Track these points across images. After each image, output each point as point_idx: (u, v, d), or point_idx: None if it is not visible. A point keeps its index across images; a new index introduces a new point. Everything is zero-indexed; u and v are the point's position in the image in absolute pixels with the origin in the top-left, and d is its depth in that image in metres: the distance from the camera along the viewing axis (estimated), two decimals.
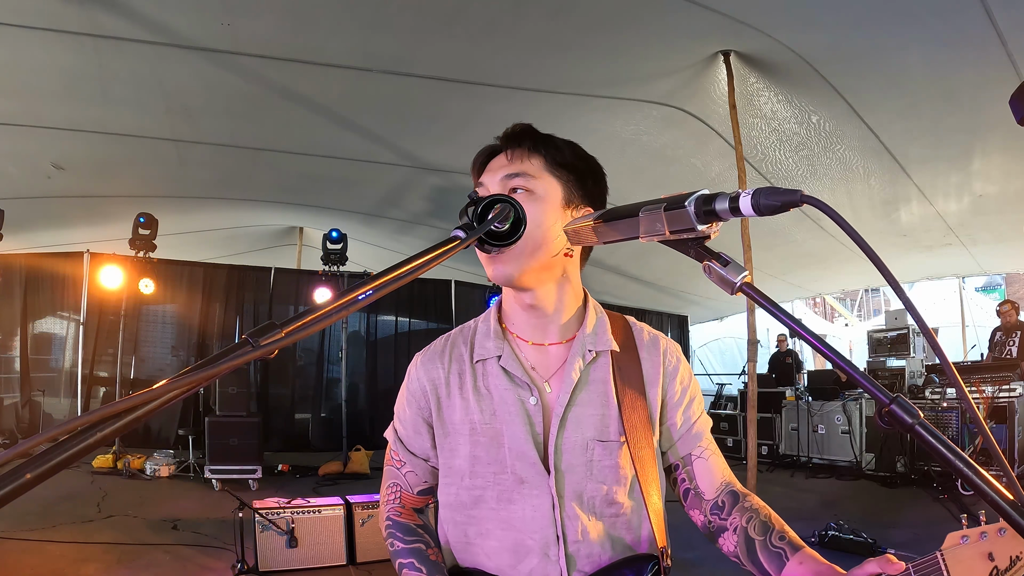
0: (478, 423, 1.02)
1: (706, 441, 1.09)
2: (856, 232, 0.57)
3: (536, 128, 1.05)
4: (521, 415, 1.00)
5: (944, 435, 0.57)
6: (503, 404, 1.02)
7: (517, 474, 0.99)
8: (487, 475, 1.01)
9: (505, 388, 1.02)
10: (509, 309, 1.08)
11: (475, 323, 1.13)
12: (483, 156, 1.07)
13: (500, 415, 1.01)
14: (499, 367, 1.03)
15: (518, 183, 1.00)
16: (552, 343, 1.05)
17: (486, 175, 1.04)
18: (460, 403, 1.05)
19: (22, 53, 4.38)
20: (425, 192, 7.41)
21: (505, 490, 1.00)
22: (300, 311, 0.57)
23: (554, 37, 4.47)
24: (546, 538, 0.98)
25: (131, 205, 7.25)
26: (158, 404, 0.47)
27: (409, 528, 1.13)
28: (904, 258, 9.69)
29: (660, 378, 1.07)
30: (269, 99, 5.22)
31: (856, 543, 4.11)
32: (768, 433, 8.22)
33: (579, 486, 0.99)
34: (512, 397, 1.01)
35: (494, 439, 1.01)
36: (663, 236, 0.71)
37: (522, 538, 0.98)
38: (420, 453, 1.11)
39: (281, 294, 8.73)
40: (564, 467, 0.99)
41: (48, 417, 7.53)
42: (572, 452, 1.00)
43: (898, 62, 4.65)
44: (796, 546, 0.90)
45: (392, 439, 1.16)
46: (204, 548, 4.18)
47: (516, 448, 1.00)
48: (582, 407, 1.01)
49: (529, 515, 0.98)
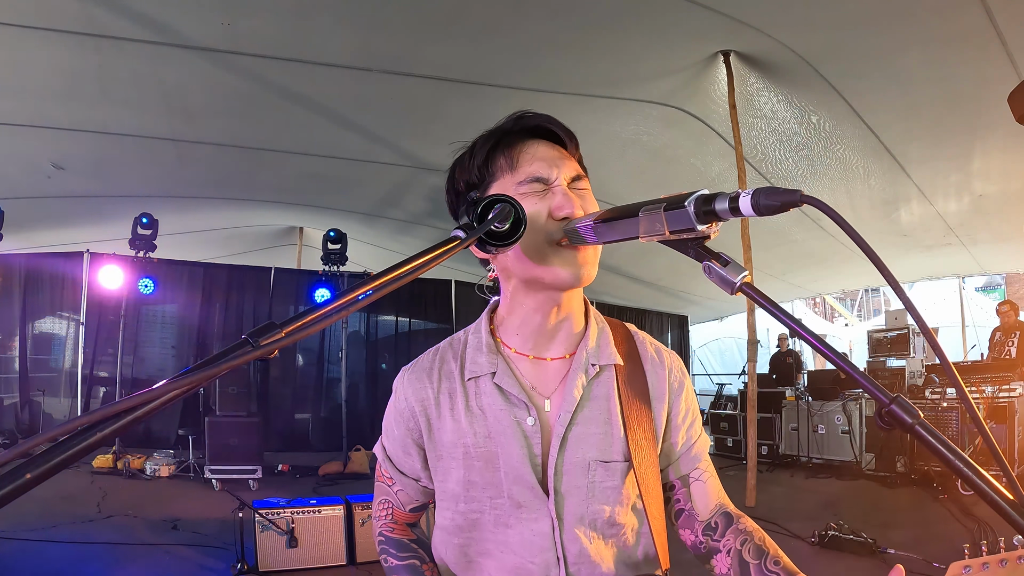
0: (471, 446, 0.95)
1: (704, 463, 1.06)
2: (856, 232, 0.57)
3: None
4: (518, 436, 0.94)
5: (944, 435, 0.57)
6: (498, 425, 0.94)
7: (514, 498, 0.94)
8: (483, 499, 0.96)
9: (500, 408, 0.95)
10: (519, 318, 0.98)
11: (464, 335, 1.04)
12: (518, 139, 0.96)
13: (495, 437, 0.94)
14: (493, 385, 0.96)
15: (581, 187, 0.94)
16: (554, 357, 0.98)
17: (546, 166, 0.92)
18: (451, 424, 0.97)
19: (22, 53, 4.38)
20: (425, 192, 7.41)
21: (502, 514, 0.95)
22: (300, 311, 0.57)
23: (554, 37, 4.48)
24: (547, 561, 0.94)
25: (131, 205, 7.26)
26: (158, 404, 0.47)
27: (403, 544, 1.09)
28: (904, 258, 9.70)
29: (666, 395, 1.02)
30: (269, 99, 5.22)
31: (856, 543, 4.10)
32: (768, 433, 8.22)
33: (580, 508, 0.94)
34: (508, 418, 0.94)
35: (489, 462, 0.95)
36: (663, 236, 0.71)
37: (522, 562, 0.94)
38: (410, 473, 1.05)
39: (281, 294, 8.72)
40: (564, 489, 0.94)
41: (48, 417, 7.53)
42: (573, 473, 0.94)
43: (898, 62, 4.66)
44: (791, 572, 0.89)
45: (381, 457, 1.09)
46: (204, 548, 4.18)
47: (512, 472, 0.93)
48: (584, 426, 0.95)
49: (528, 539, 0.94)
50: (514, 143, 0.95)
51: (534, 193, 0.91)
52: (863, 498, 5.99)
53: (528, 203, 0.89)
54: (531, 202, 0.90)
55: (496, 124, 0.98)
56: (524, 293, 0.96)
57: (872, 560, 3.97)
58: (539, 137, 0.96)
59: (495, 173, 0.95)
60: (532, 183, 0.92)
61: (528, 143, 0.95)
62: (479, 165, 0.96)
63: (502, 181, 0.94)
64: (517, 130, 0.96)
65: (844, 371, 0.61)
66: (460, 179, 0.99)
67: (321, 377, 8.82)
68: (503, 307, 1.01)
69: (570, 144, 0.97)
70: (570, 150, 0.97)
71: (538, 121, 0.96)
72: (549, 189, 0.92)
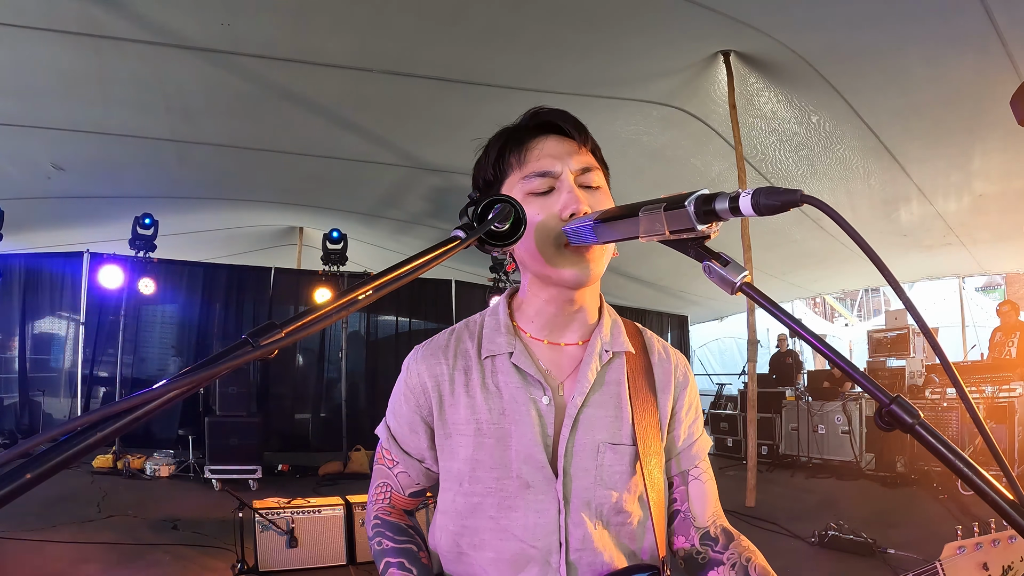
0: (484, 422, 0.96)
1: (704, 464, 1.07)
2: (856, 232, 0.57)
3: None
4: (532, 415, 0.95)
5: (944, 435, 0.57)
6: (513, 403, 0.96)
7: (523, 478, 0.94)
8: (488, 480, 0.96)
9: (516, 386, 0.97)
10: (534, 307, 1.00)
11: (481, 317, 1.06)
12: (528, 135, 0.97)
13: (509, 414, 0.96)
14: (511, 364, 0.97)
15: (591, 180, 0.95)
16: (568, 343, 1.00)
17: (552, 161, 0.94)
18: (465, 400, 0.98)
19: (22, 53, 4.38)
20: (424, 192, 7.42)
21: (507, 496, 0.95)
22: (300, 311, 0.57)
23: (554, 37, 4.48)
24: (549, 545, 0.94)
25: (131, 205, 7.26)
26: (158, 404, 0.47)
27: (400, 527, 1.08)
28: (904, 258, 9.70)
29: (672, 388, 1.05)
30: (269, 99, 5.23)
31: (856, 543, 4.10)
32: (768, 433, 8.23)
33: (588, 492, 0.95)
34: (524, 396, 0.96)
35: (501, 440, 0.96)
36: (663, 236, 0.71)
37: (523, 547, 0.94)
38: (415, 453, 1.04)
39: (281, 294, 8.72)
40: (573, 471, 0.95)
41: (48, 417, 7.53)
42: (582, 455, 0.95)
43: (898, 62, 4.66)
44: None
45: (385, 436, 1.08)
46: (204, 548, 4.18)
47: (524, 450, 0.95)
48: (595, 408, 0.97)
49: (532, 522, 0.94)
50: (524, 139, 0.97)
51: (543, 194, 0.93)
52: (863, 498, 6.00)
53: (536, 204, 0.92)
54: (539, 203, 0.92)
55: (512, 122, 1.01)
56: (539, 286, 0.98)
57: (872, 560, 3.97)
58: (549, 132, 0.98)
59: (506, 170, 0.97)
60: (538, 177, 0.93)
61: (537, 139, 0.97)
62: (492, 163, 0.99)
63: (512, 177, 0.96)
64: (528, 126, 0.99)
65: (844, 371, 0.61)
66: (479, 177, 1.02)
67: (321, 377, 8.83)
68: (522, 293, 1.03)
69: (579, 137, 0.98)
70: (580, 143, 0.98)
71: (548, 117, 0.98)
72: (556, 184, 0.93)
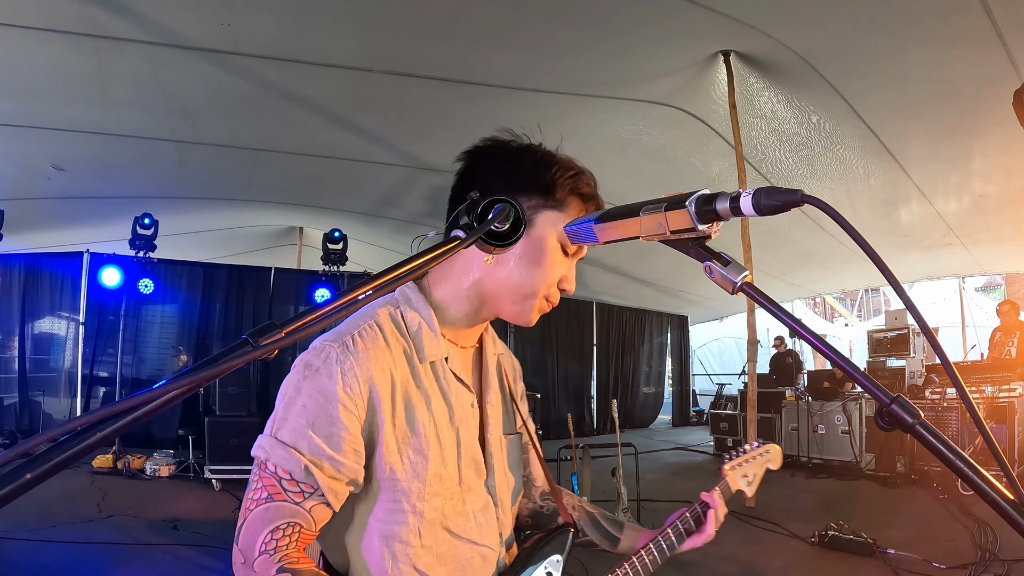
0: (440, 433, 0.94)
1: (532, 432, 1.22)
2: (857, 232, 0.57)
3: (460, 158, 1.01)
4: (469, 419, 0.99)
5: (944, 435, 0.57)
6: (460, 409, 0.98)
7: (466, 482, 0.96)
8: (444, 494, 0.93)
9: (458, 392, 0.98)
10: (455, 314, 0.99)
11: (398, 313, 0.95)
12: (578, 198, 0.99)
13: (457, 420, 0.97)
14: (449, 369, 0.98)
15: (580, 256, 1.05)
16: (466, 346, 1.04)
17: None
18: (421, 408, 0.92)
19: (22, 53, 4.38)
20: (424, 192, 7.42)
21: (460, 501, 0.95)
22: (300, 311, 0.57)
23: (554, 38, 4.48)
24: (493, 541, 1.00)
25: (131, 205, 7.26)
26: (158, 404, 0.47)
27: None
28: (904, 258, 9.70)
29: (515, 374, 1.19)
30: (269, 99, 5.22)
31: (856, 543, 4.10)
32: (768, 433, 8.22)
33: (503, 482, 1.04)
34: (464, 400, 0.99)
35: (450, 448, 0.94)
36: (664, 236, 0.71)
37: (473, 549, 0.96)
38: (348, 473, 0.87)
39: (281, 294, 8.73)
40: (495, 465, 1.02)
41: (48, 417, 7.53)
42: (496, 448, 1.03)
43: (898, 62, 4.66)
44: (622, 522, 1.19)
45: (294, 467, 0.84)
46: (204, 548, 4.18)
47: (468, 452, 0.97)
48: (494, 406, 1.05)
49: (475, 529, 0.97)
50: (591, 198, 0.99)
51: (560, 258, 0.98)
52: (863, 498, 5.99)
53: (551, 264, 0.97)
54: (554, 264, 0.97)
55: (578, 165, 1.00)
56: (477, 303, 0.99)
57: (872, 560, 3.97)
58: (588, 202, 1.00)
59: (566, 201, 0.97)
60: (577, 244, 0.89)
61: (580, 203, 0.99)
62: (548, 184, 0.96)
63: (558, 212, 0.96)
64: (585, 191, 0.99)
65: (844, 371, 0.61)
66: (523, 168, 0.96)
67: None
68: (442, 295, 0.99)
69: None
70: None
71: (595, 193, 1.01)
72: (571, 256, 0.99)
